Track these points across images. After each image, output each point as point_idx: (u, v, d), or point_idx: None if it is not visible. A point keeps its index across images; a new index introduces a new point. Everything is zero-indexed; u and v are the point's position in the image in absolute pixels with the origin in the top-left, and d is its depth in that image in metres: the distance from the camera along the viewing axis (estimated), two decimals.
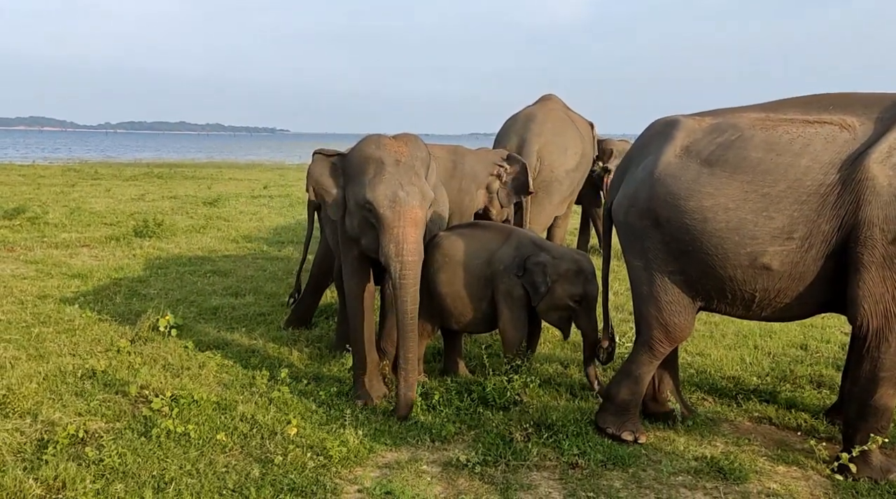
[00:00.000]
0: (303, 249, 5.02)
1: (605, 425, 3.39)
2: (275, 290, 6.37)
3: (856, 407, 3.05)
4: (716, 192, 3.01)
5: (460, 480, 3.05)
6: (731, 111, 3.24)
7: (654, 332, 3.31)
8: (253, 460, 3.15)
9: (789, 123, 3.03)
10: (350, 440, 3.29)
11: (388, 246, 3.50)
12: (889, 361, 2.92)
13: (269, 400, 3.74)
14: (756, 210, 2.95)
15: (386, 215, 3.49)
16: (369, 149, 3.61)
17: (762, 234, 2.95)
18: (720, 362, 4.46)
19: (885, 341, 2.90)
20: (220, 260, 7.69)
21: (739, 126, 3.10)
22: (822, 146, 2.93)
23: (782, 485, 3.00)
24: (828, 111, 3.03)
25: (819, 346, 4.80)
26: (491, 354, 4.32)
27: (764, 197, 2.94)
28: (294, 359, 4.55)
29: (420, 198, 3.54)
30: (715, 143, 3.10)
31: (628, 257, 3.39)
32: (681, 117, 3.30)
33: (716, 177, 3.03)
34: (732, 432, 3.52)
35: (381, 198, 3.48)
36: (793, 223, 2.92)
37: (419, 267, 3.57)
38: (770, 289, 3.04)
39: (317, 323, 5.36)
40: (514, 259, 3.87)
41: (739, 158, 3.01)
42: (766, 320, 3.33)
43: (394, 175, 3.52)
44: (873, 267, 2.84)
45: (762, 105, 3.22)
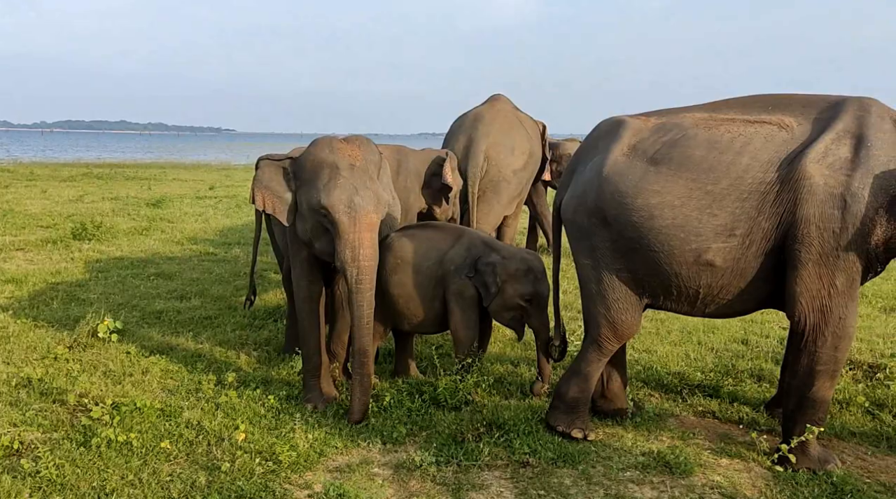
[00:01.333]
0: (252, 251, 4.92)
1: (556, 423, 3.43)
2: (222, 292, 6.23)
3: (794, 400, 3.16)
4: (662, 189, 3.08)
5: (412, 481, 3.03)
6: (675, 111, 3.32)
7: (602, 330, 3.36)
8: (199, 468, 3.07)
9: (731, 123, 3.12)
10: (300, 445, 3.24)
11: (344, 251, 3.48)
12: (825, 355, 3.03)
13: (216, 405, 3.65)
14: (700, 207, 3.03)
15: (342, 221, 3.46)
16: (323, 153, 3.56)
17: (706, 231, 3.03)
18: (666, 359, 4.57)
19: (821, 336, 3.01)
20: (164, 263, 7.48)
21: (683, 125, 3.18)
22: (761, 145, 3.02)
23: (725, 477, 3.09)
24: (767, 111, 3.13)
25: (759, 340, 4.97)
26: (442, 355, 4.33)
27: (707, 194, 3.02)
28: (242, 363, 4.45)
29: (375, 202, 3.53)
30: (660, 142, 3.17)
31: (577, 256, 3.43)
32: (627, 117, 3.36)
33: (661, 175, 3.10)
34: (678, 426, 3.61)
35: (336, 203, 3.45)
36: (735, 220, 3.01)
37: (375, 271, 3.57)
38: (713, 285, 3.13)
39: (265, 326, 5.27)
40: (465, 260, 3.88)
41: (684, 157, 3.09)
42: (709, 316, 3.43)
43: (349, 180, 3.49)
44: (810, 264, 2.95)
45: (705, 105, 3.31)
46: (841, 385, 4.04)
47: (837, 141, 2.94)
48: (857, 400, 3.82)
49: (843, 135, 2.95)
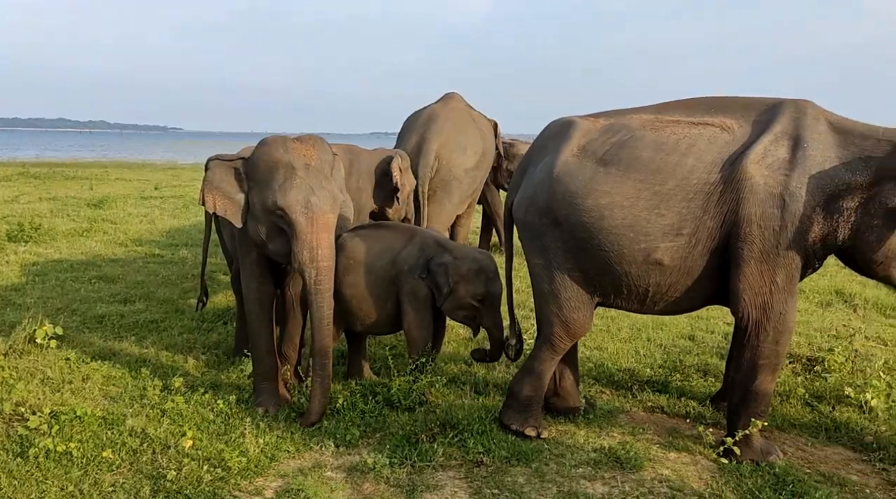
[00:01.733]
0: (202, 252, 4.81)
1: (509, 422, 3.45)
2: (168, 295, 6.06)
3: (738, 393, 3.25)
4: (611, 190, 3.13)
5: (366, 484, 3.01)
6: (622, 112, 3.38)
7: (554, 328, 3.39)
8: (143, 477, 2.97)
9: (676, 124, 3.19)
10: (250, 450, 3.17)
11: (302, 252, 3.43)
12: (767, 350, 3.13)
13: (162, 412, 3.55)
14: (648, 207, 3.09)
15: (299, 222, 3.41)
16: (277, 152, 3.50)
17: (654, 230, 3.09)
18: (616, 356, 4.65)
19: (763, 331, 3.11)
20: (106, 265, 7.24)
21: (631, 127, 3.24)
22: (705, 146, 3.11)
23: (673, 471, 3.16)
24: (710, 114, 3.21)
25: (705, 336, 5.10)
26: (396, 356, 4.30)
27: (655, 195, 3.09)
28: (189, 367, 4.34)
29: (331, 202, 3.49)
30: (609, 142, 3.22)
31: (529, 256, 3.46)
32: (576, 118, 3.41)
33: (611, 176, 3.15)
34: (629, 422, 3.67)
35: (293, 204, 3.40)
36: (682, 220, 3.08)
37: (333, 272, 3.53)
38: (662, 283, 3.19)
39: (213, 328, 5.15)
40: (418, 260, 3.86)
41: (632, 158, 3.14)
42: (659, 314, 3.50)
43: (305, 180, 3.44)
44: (752, 261, 3.04)
45: (651, 107, 3.38)
46: (782, 378, 4.18)
47: (776, 142, 3.04)
48: (797, 392, 3.96)
49: (781, 136, 3.05)
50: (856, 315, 5.72)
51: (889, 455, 3.29)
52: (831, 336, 4.94)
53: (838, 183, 2.97)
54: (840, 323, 5.23)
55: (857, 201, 2.97)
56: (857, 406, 3.78)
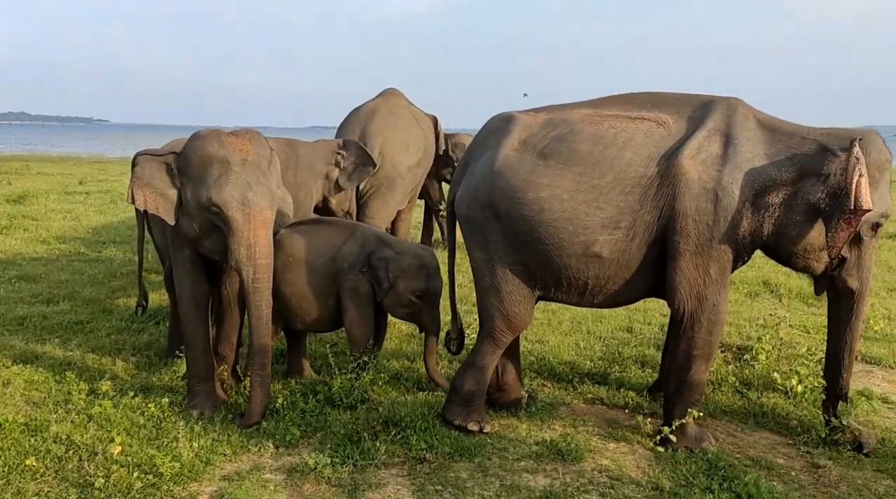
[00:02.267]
0: (137, 252, 4.60)
1: (452, 417, 3.44)
2: (95, 295, 5.79)
3: (674, 383, 3.34)
4: (551, 183, 3.16)
5: (306, 485, 2.94)
6: (562, 107, 3.42)
7: (496, 322, 3.40)
8: (69, 485, 2.83)
9: (614, 119, 3.25)
10: (184, 454, 3.06)
11: (238, 250, 3.33)
12: (701, 340, 3.23)
13: (89, 417, 3.39)
14: (588, 201, 3.13)
15: (235, 218, 3.31)
16: (212, 147, 3.37)
17: (593, 223, 3.14)
18: (557, 348, 4.70)
19: (697, 322, 3.20)
20: (27, 264, 6.87)
21: (571, 121, 3.27)
22: (642, 141, 3.17)
23: (612, 460, 3.22)
24: (647, 109, 3.29)
25: (642, 328, 5.23)
26: (337, 353, 4.24)
27: (594, 188, 3.13)
28: (118, 370, 4.16)
29: (269, 198, 3.40)
30: (549, 137, 3.25)
31: (471, 250, 3.46)
32: (517, 113, 3.42)
33: (551, 169, 3.18)
34: (570, 414, 3.72)
35: (229, 200, 3.29)
36: (619, 213, 3.13)
37: (271, 270, 3.45)
38: (601, 276, 3.25)
39: (144, 329, 4.95)
40: (358, 255, 3.81)
41: (571, 151, 3.18)
42: (598, 307, 3.56)
43: (241, 175, 3.33)
44: (688, 254, 3.12)
45: (590, 102, 3.43)
46: (714, 367, 4.31)
47: (709, 138, 3.13)
48: (728, 381, 4.11)
49: (714, 132, 3.14)
50: (781, 305, 5.98)
51: (812, 438, 3.44)
52: (759, 326, 5.13)
53: (766, 179, 3.08)
54: (767, 313, 5.44)
55: (781, 197, 3.09)
56: (784, 392, 3.94)
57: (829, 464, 3.19)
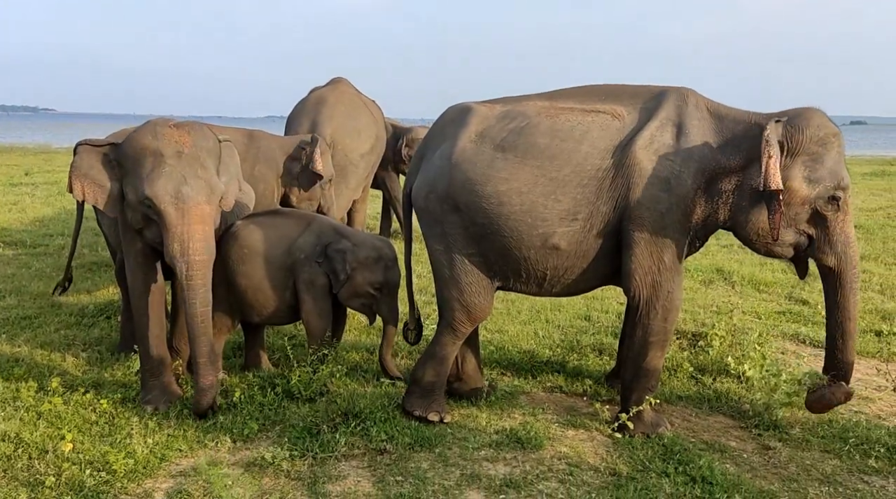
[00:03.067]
0: (72, 239, 4.47)
1: (412, 408, 3.44)
2: (43, 289, 5.61)
3: (631, 370, 3.40)
4: (509, 177, 3.17)
5: (265, 479, 2.91)
6: (518, 99, 3.43)
7: (455, 313, 3.41)
8: (19, 485, 2.75)
9: (570, 112, 3.27)
10: (138, 451, 2.99)
11: (172, 245, 3.25)
12: (657, 327, 3.29)
13: (38, 414, 3.29)
14: (545, 193, 3.16)
15: (168, 213, 3.22)
16: (146, 139, 3.28)
17: (551, 216, 3.17)
18: (517, 338, 4.74)
19: (653, 309, 3.26)
20: None
21: (527, 113, 3.28)
22: (598, 134, 3.20)
23: (571, 447, 3.26)
24: (601, 101, 3.32)
25: (600, 316, 5.30)
26: (295, 346, 4.18)
27: (552, 181, 3.16)
28: (68, 366, 4.04)
29: (207, 192, 3.31)
30: (507, 129, 3.25)
31: (429, 242, 3.45)
32: (473, 104, 3.42)
33: (509, 162, 3.19)
34: (529, 403, 3.76)
35: (161, 194, 3.21)
36: (577, 205, 3.17)
37: (209, 266, 3.34)
38: (559, 267, 3.28)
39: (95, 323, 4.82)
40: (315, 247, 3.77)
41: (529, 144, 3.20)
42: (556, 296, 3.60)
43: (175, 168, 3.25)
44: (642, 243, 3.18)
45: (545, 94, 3.45)
46: (670, 354, 4.40)
47: (661, 128, 3.18)
48: (684, 367, 4.19)
49: (666, 122, 3.19)
50: (734, 292, 6.13)
51: (763, 421, 3.54)
52: (713, 312, 5.26)
53: (716, 166, 3.15)
54: (721, 299, 5.58)
55: (733, 184, 3.16)
56: (736, 377, 4.05)
57: (778, 446, 3.30)
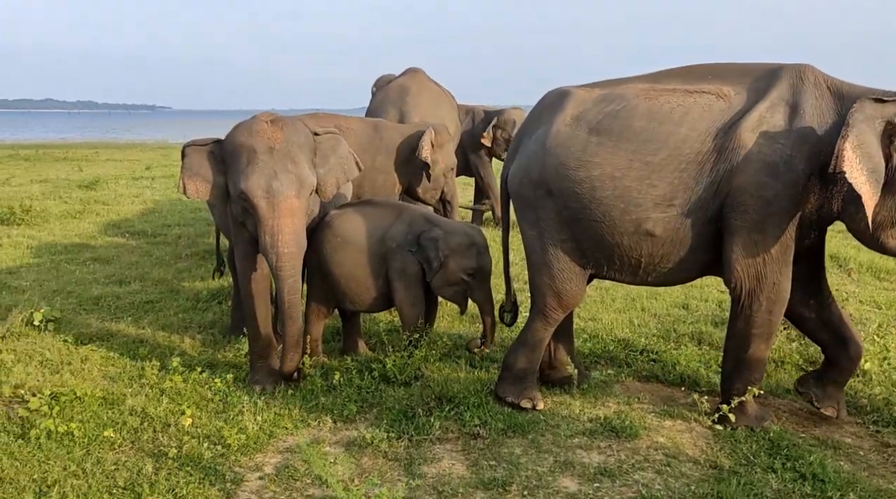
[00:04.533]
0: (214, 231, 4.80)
1: (505, 395, 3.47)
2: (163, 275, 6.05)
3: (732, 361, 3.28)
4: (603, 161, 3.11)
5: (364, 458, 3.04)
6: (618, 82, 3.34)
7: (547, 299, 3.40)
8: (145, 455, 3.00)
9: (671, 93, 3.14)
10: (249, 427, 3.20)
11: (263, 237, 3.44)
12: (761, 319, 3.13)
13: (161, 391, 3.57)
14: (640, 178, 3.07)
15: (260, 206, 3.40)
16: (242, 136, 3.48)
17: (645, 201, 3.08)
18: (611, 326, 4.67)
19: (756, 301, 3.11)
20: (100, 247, 7.21)
21: (626, 96, 3.19)
22: (699, 115, 3.06)
23: (668, 438, 3.20)
24: (706, 81, 3.16)
25: (699, 305, 5.13)
26: (390, 331, 4.32)
27: (647, 165, 3.06)
28: (186, 347, 4.36)
29: (297, 186, 3.45)
30: (603, 112, 3.18)
31: (523, 227, 3.45)
32: (572, 88, 3.36)
33: (603, 146, 3.12)
34: (623, 392, 3.71)
35: (254, 188, 3.38)
36: (673, 190, 3.06)
37: (297, 258, 3.52)
38: (654, 254, 3.19)
39: (209, 308, 5.16)
40: (406, 236, 3.85)
41: (624, 127, 3.11)
42: (652, 285, 3.51)
43: (267, 164, 3.41)
44: (745, 232, 3.03)
45: (647, 76, 3.34)
46: (777, 344, 4.21)
47: (772, 109, 2.99)
48: (792, 358, 4.01)
49: (778, 102, 3.00)
50: (850, 279, 5.76)
51: (882, 417, 3.34)
52: None
53: (832, 150, 2.86)
54: (834, 288, 5.24)
55: None
56: None
57: None
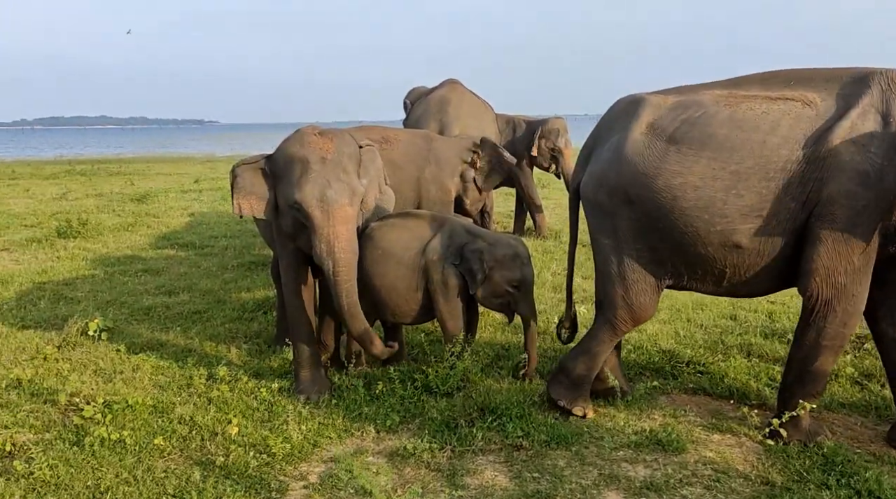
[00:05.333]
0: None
1: (558, 398, 3.42)
2: (210, 286, 6.19)
3: (795, 372, 3.15)
4: (683, 170, 3.00)
5: (407, 468, 3.05)
6: (693, 88, 3.24)
7: (618, 311, 3.31)
8: (193, 463, 3.07)
9: (752, 100, 3.03)
10: (294, 436, 3.24)
11: (319, 246, 3.50)
12: (833, 332, 3.01)
13: (209, 400, 3.65)
14: (725, 188, 2.96)
15: (315, 215, 3.47)
16: (294, 148, 3.56)
17: (731, 212, 2.97)
18: (656, 337, 4.59)
19: (832, 312, 2.99)
20: (150, 258, 7.43)
21: (703, 103, 3.09)
22: (788, 123, 2.94)
23: (717, 452, 3.12)
24: (789, 87, 3.05)
25: (747, 315, 5.00)
26: (433, 342, 4.33)
27: (732, 174, 2.95)
28: (233, 356, 4.44)
29: (349, 194, 3.53)
30: (679, 120, 3.09)
31: (597, 236, 3.35)
32: (645, 95, 3.28)
33: (682, 155, 3.02)
34: (669, 404, 3.64)
35: (309, 198, 3.46)
36: (761, 201, 2.94)
37: (353, 263, 3.58)
38: (740, 266, 3.07)
39: (255, 318, 5.25)
40: (447, 248, 3.84)
41: (705, 135, 3.01)
42: (734, 296, 3.38)
43: (320, 173, 3.49)
44: (830, 241, 2.90)
45: (723, 82, 3.23)
46: None
47: (863, 116, 2.87)
48: (846, 371, 3.87)
49: (868, 110, 2.88)
50: None
51: None
52: None
53: None
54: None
55: None
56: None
57: None
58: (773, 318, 4.94)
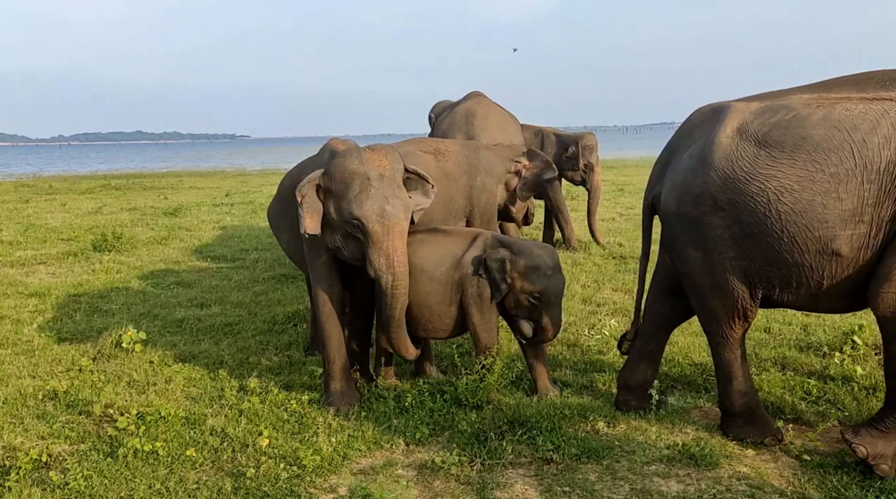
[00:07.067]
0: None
1: (745, 437, 3.28)
2: (241, 299, 6.27)
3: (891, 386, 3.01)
4: (777, 173, 2.89)
5: (436, 481, 3.04)
6: (777, 94, 3.14)
7: (723, 321, 3.20)
8: (225, 475, 3.10)
9: (847, 101, 2.91)
10: (323, 448, 3.26)
11: (378, 259, 3.56)
12: None
13: (240, 412, 3.69)
14: (824, 191, 2.81)
15: (375, 230, 3.53)
16: (353, 164, 3.60)
17: (832, 217, 2.82)
18: (687, 350, 4.52)
19: None
20: (183, 271, 7.55)
21: (792, 106, 2.98)
22: (888, 123, 2.81)
23: (752, 468, 3.06)
24: (885, 88, 2.92)
25: (781, 328, 4.90)
26: (462, 354, 4.32)
27: (832, 177, 2.81)
28: (263, 368, 4.48)
29: (404, 210, 3.61)
30: (769, 123, 2.97)
31: (684, 250, 3.20)
32: (727, 102, 3.19)
33: (775, 158, 2.91)
34: (702, 418, 3.58)
35: (369, 213, 3.52)
36: (863, 205, 2.79)
37: (408, 276, 3.65)
38: (838, 276, 2.92)
39: (285, 330, 5.30)
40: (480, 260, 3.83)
41: (800, 137, 2.89)
42: (829, 312, 3.22)
43: (379, 190, 3.55)
44: None
45: (809, 86, 3.12)
46: (868, 370, 3.98)
47: None
48: (885, 385, 3.75)
49: None
50: None
51: None
52: None
53: None
54: None
55: None
56: None
57: None
58: (807, 331, 4.84)
